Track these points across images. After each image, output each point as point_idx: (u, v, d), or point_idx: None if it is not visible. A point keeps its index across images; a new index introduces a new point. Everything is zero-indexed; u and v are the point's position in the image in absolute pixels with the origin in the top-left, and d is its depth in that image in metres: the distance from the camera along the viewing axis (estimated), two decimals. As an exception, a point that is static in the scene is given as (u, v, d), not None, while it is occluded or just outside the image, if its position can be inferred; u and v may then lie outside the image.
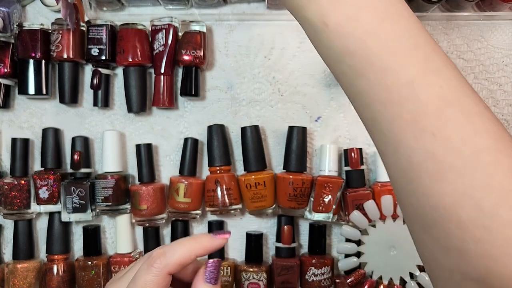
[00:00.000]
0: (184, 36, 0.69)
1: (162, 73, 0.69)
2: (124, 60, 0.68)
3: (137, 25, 0.69)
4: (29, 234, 0.70)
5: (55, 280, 0.68)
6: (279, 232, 0.69)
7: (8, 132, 0.73)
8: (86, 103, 0.73)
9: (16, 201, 0.68)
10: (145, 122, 0.73)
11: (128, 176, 0.71)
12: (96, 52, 0.69)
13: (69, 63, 0.69)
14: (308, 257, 0.69)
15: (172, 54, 0.69)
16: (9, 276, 0.68)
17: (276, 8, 0.73)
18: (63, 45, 0.68)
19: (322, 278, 0.68)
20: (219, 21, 0.73)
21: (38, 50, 0.68)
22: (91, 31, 0.69)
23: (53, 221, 0.70)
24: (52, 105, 0.73)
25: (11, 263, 0.69)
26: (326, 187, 0.66)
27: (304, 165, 0.69)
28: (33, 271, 0.69)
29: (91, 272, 0.68)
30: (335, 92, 0.73)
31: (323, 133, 0.73)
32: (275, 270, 0.68)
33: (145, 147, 0.70)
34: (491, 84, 0.73)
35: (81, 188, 0.67)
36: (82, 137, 0.70)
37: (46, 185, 0.68)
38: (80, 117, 0.73)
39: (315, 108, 0.73)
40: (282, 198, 0.68)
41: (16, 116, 0.73)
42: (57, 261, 0.69)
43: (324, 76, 0.73)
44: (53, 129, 0.70)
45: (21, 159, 0.69)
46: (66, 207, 0.67)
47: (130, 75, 0.69)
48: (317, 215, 0.67)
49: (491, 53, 0.73)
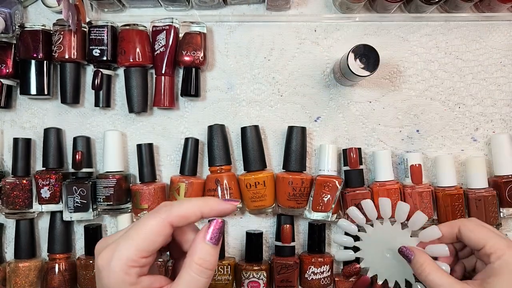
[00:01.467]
0: (185, 37, 0.70)
1: (163, 74, 0.70)
2: (125, 61, 0.69)
3: (138, 26, 0.69)
4: (31, 234, 0.71)
5: (57, 279, 0.69)
6: (279, 231, 0.70)
7: (10, 132, 0.73)
8: (87, 103, 0.73)
9: (18, 200, 0.68)
10: (146, 122, 0.73)
11: (129, 176, 0.71)
12: (98, 52, 0.69)
13: (70, 64, 0.70)
14: (307, 255, 0.69)
15: (173, 54, 0.69)
16: (11, 275, 0.68)
17: (275, 9, 0.73)
18: (65, 45, 0.68)
19: (321, 276, 0.68)
20: (219, 22, 0.74)
21: (40, 50, 0.68)
22: (92, 32, 0.69)
23: (55, 221, 0.70)
24: (54, 105, 0.73)
25: (13, 262, 0.69)
26: (325, 186, 0.67)
27: (304, 164, 0.69)
28: (35, 270, 0.69)
29: (93, 271, 0.69)
30: (334, 93, 0.73)
31: (322, 133, 0.73)
32: (275, 268, 0.68)
33: (146, 147, 0.70)
34: (490, 84, 0.74)
35: (83, 188, 0.68)
36: (84, 137, 0.70)
37: (48, 185, 0.68)
38: (82, 117, 0.73)
39: (314, 108, 0.73)
40: (282, 198, 0.68)
41: (18, 116, 0.73)
42: (58, 260, 0.70)
43: (323, 77, 0.74)
44: (54, 129, 0.70)
45: (23, 159, 0.70)
46: (68, 206, 0.68)
47: (131, 76, 0.70)
48: (316, 214, 0.68)
49: (489, 53, 0.74)
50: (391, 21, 0.74)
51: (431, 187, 0.68)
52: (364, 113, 0.73)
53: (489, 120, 0.73)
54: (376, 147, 0.73)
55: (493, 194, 0.68)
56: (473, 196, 0.68)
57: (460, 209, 0.67)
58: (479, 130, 0.73)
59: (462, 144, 0.73)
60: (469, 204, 0.68)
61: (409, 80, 0.74)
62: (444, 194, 0.68)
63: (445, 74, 0.74)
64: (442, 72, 0.74)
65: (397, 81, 0.73)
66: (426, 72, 0.73)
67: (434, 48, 0.74)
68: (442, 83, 0.74)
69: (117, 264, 0.39)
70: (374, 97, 0.73)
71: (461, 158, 0.73)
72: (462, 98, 0.74)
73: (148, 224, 0.40)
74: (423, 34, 0.74)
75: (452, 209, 0.67)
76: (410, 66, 0.74)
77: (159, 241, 0.41)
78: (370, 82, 0.73)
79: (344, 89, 0.73)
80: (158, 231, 0.40)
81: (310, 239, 0.70)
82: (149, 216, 0.41)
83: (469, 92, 0.74)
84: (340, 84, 0.73)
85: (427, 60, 0.74)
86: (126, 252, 0.39)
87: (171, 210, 0.41)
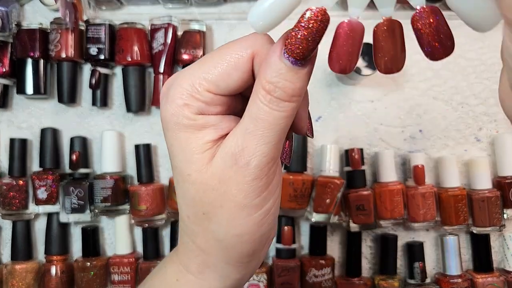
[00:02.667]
0: (184, 35, 0.69)
1: (162, 73, 0.69)
2: (123, 60, 0.68)
3: (136, 25, 0.69)
4: (28, 235, 0.70)
5: (54, 281, 0.68)
6: (280, 232, 0.69)
7: (7, 132, 0.72)
8: (85, 102, 0.73)
9: (15, 201, 0.67)
10: (144, 122, 0.72)
11: (127, 177, 0.70)
12: (95, 51, 0.68)
13: (67, 63, 0.69)
14: (308, 258, 0.68)
15: (172, 53, 0.69)
16: (7, 277, 0.68)
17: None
18: (62, 44, 0.68)
19: (322, 279, 0.67)
20: (219, 20, 0.73)
21: (37, 49, 0.67)
22: (90, 30, 0.68)
23: (52, 222, 0.70)
24: (51, 104, 0.72)
25: (10, 264, 0.68)
26: (326, 187, 0.66)
27: (305, 165, 0.68)
28: (32, 272, 0.68)
29: (90, 273, 0.68)
30: (335, 92, 0.72)
31: (323, 133, 0.72)
32: (275, 271, 0.68)
33: (144, 147, 0.69)
34: (493, 83, 0.73)
35: (80, 189, 0.67)
36: (81, 137, 0.70)
37: (45, 186, 0.67)
38: (79, 116, 0.73)
39: (315, 107, 0.72)
40: (283, 199, 0.67)
41: (15, 116, 0.73)
42: (55, 262, 0.69)
43: (324, 76, 0.73)
44: (51, 129, 0.70)
45: (20, 159, 0.69)
46: (65, 207, 0.67)
47: (129, 75, 0.69)
48: (317, 216, 0.67)
49: (493, 52, 0.73)
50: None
51: (434, 188, 0.68)
52: (366, 113, 0.72)
53: (493, 120, 0.73)
54: (378, 147, 0.72)
55: (496, 195, 0.67)
56: (476, 197, 0.67)
57: (463, 210, 0.67)
58: (483, 130, 0.73)
59: (466, 144, 0.72)
60: (472, 205, 0.67)
61: (411, 79, 0.73)
62: (447, 195, 0.67)
63: (448, 73, 0.73)
64: (445, 71, 0.73)
65: (400, 80, 0.73)
66: (428, 71, 0.73)
67: (437, 47, 0.73)
68: (445, 83, 0.73)
69: (176, 92, 0.29)
70: (376, 97, 0.72)
71: (464, 158, 0.72)
72: (465, 97, 0.73)
73: (223, 57, 0.29)
74: (426, 33, 0.73)
75: (455, 210, 0.67)
76: (412, 65, 0.73)
77: (234, 77, 0.29)
78: (372, 81, 0.72)
79: (345, 88, 0.72)
80: (235, 65, 0.28)
81: (312, 241, 0.69)
82: (232, 45, 0.29)
83: (472, 92, 0.73)
84: (342, 83, 0.72)
85: (430, 59, 0.73)
86: (190, 78, 0.29)
87: (256, 39, 0.29)
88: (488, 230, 0.67)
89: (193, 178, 0.30)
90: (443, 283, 0.67)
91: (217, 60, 0.29)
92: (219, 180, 0.29)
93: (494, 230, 0.67)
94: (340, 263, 0.71)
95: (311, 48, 0.26)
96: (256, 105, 0.27)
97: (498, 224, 0.67)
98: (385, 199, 0.66)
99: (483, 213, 0.67)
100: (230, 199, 0.29)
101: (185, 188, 0.30)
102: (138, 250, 0.72)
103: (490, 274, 0.67)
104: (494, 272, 0.68)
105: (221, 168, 0.29)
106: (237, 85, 0.29)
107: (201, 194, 0.30)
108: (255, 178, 0.29)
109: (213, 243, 0.31)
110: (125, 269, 0.68)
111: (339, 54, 0.27)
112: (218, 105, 0.29)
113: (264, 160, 0.28)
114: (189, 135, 0.29)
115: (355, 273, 0.68)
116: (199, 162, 0.29)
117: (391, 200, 0.66)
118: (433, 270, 0.71)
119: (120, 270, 0.68)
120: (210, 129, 0.29)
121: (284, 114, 0.28)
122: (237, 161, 0.28)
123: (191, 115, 0.29)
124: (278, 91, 0.27)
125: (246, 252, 0.31)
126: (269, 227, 0.31)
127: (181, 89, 0.29)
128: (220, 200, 0.29)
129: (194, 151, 0.29)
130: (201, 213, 0.30)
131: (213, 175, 0.29)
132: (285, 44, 0.26)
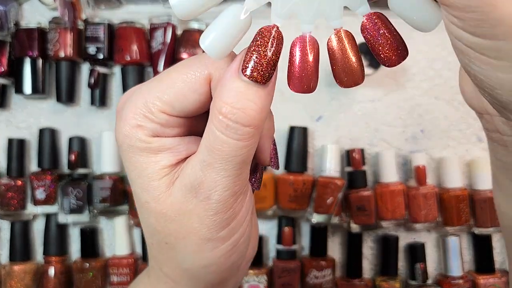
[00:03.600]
0: (183, 35, 0.68)
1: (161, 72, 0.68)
2: (122, 59, 0.68)
3: (136, 24, 0.69)
4: (26, 235, 0.69)
5: (52, 282, 0.68)
6: (280, 233, 0.68)
7: (5, 132, 0.72)
8: (83, 102, 0.72)
9: (13, 202, 0.67)
10: (144, 122, 0.72)
11: (126, 177, 0.70)
12: (94, 50, 0.68)
13: (66, 62, 0.69)
14: (309, 259, 0.68)
15: (171, 52, 0.68)
16: (6, 278, 0.67)
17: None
18: (61, 43, 0.67)
19: (323, 280, 0.67)
20: (219, 20, 0.72)
21: (35, 48, 0.67)
22: (88, 30, 0.68)
23: (50, 222, 0.69)
24: (50, 104, 0.72)
25: (8, 264, 0.68)
26: (327, 188, 0.66)
27: (305, 165, 0.68)
28: (30, 273, 0.68)
29: (89, 274, 0.67)
30: (336, 92, 0.72)
31: (324, 133, 0.72)
32: (275, 272, 0.67)
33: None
34: (495, 83, 0.72)
35: (79, 189, 0.66)
36: (79, 137, 0.69)
37: (44, 186, 0.67)
38: (78, 116, 0.72)
39: (316, 108, 0.72)
40: (283, 199, 0.67)
41: (13, 116, 0.72)
42: (54, 262, 0.68)
43: (325, 76, 0.72)
44: (50, 129, 0.69)
45: (18, 159, 0.68)
46: (64, 208, 0.66)
47: (128, 74, 0.69)
48: (318, 216, 0.66)
49: (494, 51, 0.72)
50: (395, 18, 0.72)
51: (435, 188, 0.67)
52: (367, 113, 0.72)
53: (495, 120, 0.72)
54: (379, 147, 0.72)
55: (498, 196, 0.66)
56: (478, 197, 0.66)
57: (465, 211, 0.66)
58: (484, 130, 0.72)
59: (467, 144, 0.72)
60: (474, 205, 0.67)
61: (412, 78, 0.72)
62: (448, 196, 0.66)
63: (449, 73, 0.72)
64: (446, 71, 0.72)
65: (401, 79, 0.72)
66: (430, 71, 0.72)
67: (438, 46, 0.72)
68: (446, 82, 0.72)
69: (129, 112, 0.27)
70: (377, 97, 0.72)
71: (466, 158, 0.72)
72: (467, 97, 0.72)
73: (180, 76, 0.27)
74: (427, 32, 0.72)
75: (457, 211, 0.66)
76: (413, 64, 0.72)
77: (190, 99, 0.26)
78: (372, 81, 0.72)
79: (346, 88, 0.72)
80: (191, 86, 0.26)
81: (312, 241, 0.69)
82: (191, 62, 0.27)
83: (474, 91, 0.72)
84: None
85: (431, 59, 0.72)
86: (144, 96, 0.27)
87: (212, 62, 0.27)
88: (490, 230, 0.67)
89: (151, 206, 0.27)
90: (445, 284, 0.67)
91: (174, 79, 0.26)
92: (179, 212, 0.27)
93: (496, 230, 0.67)
94: (340, 264, 0.71)
95: (271, 65, 0.26)
96: (212, 134, 0.25)
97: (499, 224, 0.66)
98: (386, 200, 0.66)
99: (485, 214, 0.66)
100: (192, 232, 0.27)
101: (145, 215, 0.28)
102: (137, 251, 0.72)
103: (491, 275, 0.67)
104: (496, 273, 0.67)
105: (180, 201, 0.26)
106: (194, 107, 0.27)
107: (162, 224, 0.27)
108: (217, 213, 0.26)
109: (180, 272, 0.29)
110: (124, 270, 0.68)
111: (296, 73, 0.27)
112: (175, 127, 0.27)
113: (227, 194, 0.26)
114: (144, 159, 0.27)
115: (356, 274, 0.68)
116: (156, 190, 0.27)
117: (392, 200, 0.66)
118: (434, 271, 0.71)
119: (119, 271, 0.67)
120: (166, 153, 0.27)
121: (242, 144, 0.25)
122: (197, 195, 0.26)
123: (145, 138, 0.26)
124: (237, 113, 0.24)
125: (216, 281, 0.29)
126: (240, 255, 0.29)
127: (135, 108, 0.26)
128: (183, 232, 0.27)
129: (151, 178, 0.27)
130: (164, 242, 0.28)
131: (172, 204, 0.27)
132: (243, 64, 0.25)
